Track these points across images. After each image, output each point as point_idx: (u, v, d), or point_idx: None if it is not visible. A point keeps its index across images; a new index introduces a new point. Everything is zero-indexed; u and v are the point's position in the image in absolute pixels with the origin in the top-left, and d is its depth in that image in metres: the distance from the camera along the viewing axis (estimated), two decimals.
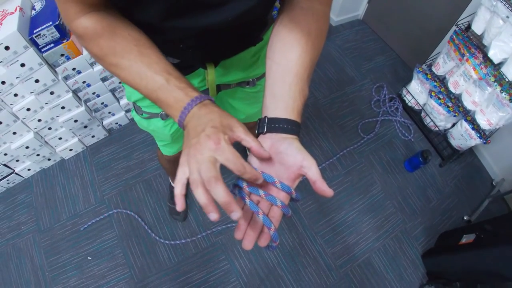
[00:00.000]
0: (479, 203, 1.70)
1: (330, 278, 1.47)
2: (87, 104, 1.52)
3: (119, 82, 1.50)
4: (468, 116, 1.58)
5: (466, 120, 1.59)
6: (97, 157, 1.71)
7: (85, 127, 1.60)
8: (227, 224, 1.54)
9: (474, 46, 1.43)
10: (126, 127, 1.80)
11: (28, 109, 1.33)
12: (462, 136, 1.64)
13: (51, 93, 1.32)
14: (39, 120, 1.41)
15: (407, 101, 1.94)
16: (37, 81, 1.23)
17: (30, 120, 1.38)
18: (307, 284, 1.45)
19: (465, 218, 1.65)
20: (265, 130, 0.45)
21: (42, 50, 1.17)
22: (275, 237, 0.42)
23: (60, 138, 1.57)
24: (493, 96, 1.43)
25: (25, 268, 1.43)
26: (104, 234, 1.51)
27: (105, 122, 1.71)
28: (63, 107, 1.41)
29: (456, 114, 1.65)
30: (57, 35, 1.15)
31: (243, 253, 1.49)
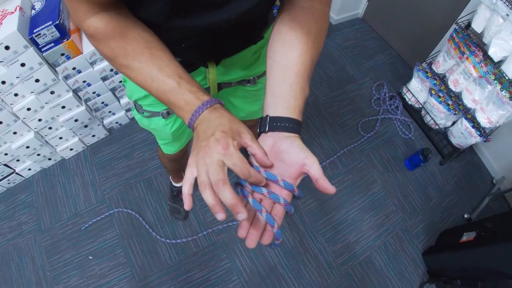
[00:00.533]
0: (480, 201, 1.71)
1: (331, 276, 1.48)
2: (88, 104, 1.52)
3: (120, 81, 1.50)
4: (468, 114, 1.58)
5: (466, 118, 1.59)
6: (98, 157, 1.71)
7: (86, 127, 1.60)
8: (228, 223, 1.54)
9: (474, 44, 1.43)
10: (127, 126, 1.80)
11: (29, 109, 1.33)
12: (462, 134, 1.64)
13: (52, 93, 1.32)
14: (40, 120, 1.41)
15: (407, 99, 1.94)
16: (37, 81, 1.23)
17: (31, 120, 1.38)
18: (308, 282, 1.46)
19: (466, 216, 1.65)
20: (267, 129, 0.46)
21: (42, 50, 1.17)
22: (278, 235, 0.42)
23: (61, 138, 1.57)
24: (493, 94, 1.43)
25: (26, 268, 1.43)
26: (105, 234, 1.51)
27: (106, 122, 1.71)
28: (64, 107, 1.41)
29: (456, 112, 1.65)
30: (57, 35, 1.15)
31: (244, 252, 1.49)
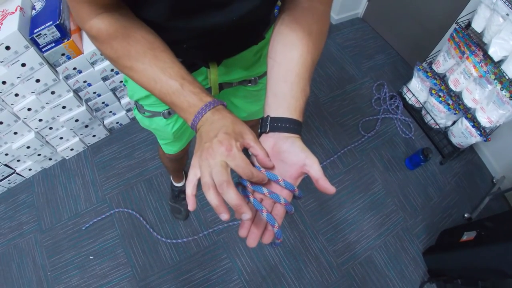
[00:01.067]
0: (480, 201, 1.71)
1: (332, 276, 1.48)
2: (88, 104, 1.52)
3: (120, 82, 1.50)
4: (469, 114, 1.58)
5: (467, 118, 1.59)
6: (98, 157, 1.71)
7: (86, 127, 1.60)
8: (229, 223, 1.54)
9: (474, 44, 1.43)
10: (127, 126, 1.80)
11: (29, 109, 1.33)
12: (463, 134, 1.64)
13: (52, 93, 1.32)
14: (40, 120, 1.41)
15: (408, 99, 1.94)
16: (38, 81, 1.23)
17: (31, 120, 1.38)
18: (309, 282, 1.46)
19: (466, 216, 1.66)
20: (268, 130, 0.46)
21: (43, 50, 1.17)
22: (279, 234, 0.42)
23: (61, 138, 1.57)
24: (494, 94, 1.43)
25: (27, 268, 1.44)
26: (106, 234, 1.51)
27: (106, 122, 1.71)
28: (64, 107, 1.41)
29: (457, 112, 1.65)
30: (58, 35, 1.15)
31: (245, 251, 1.49)
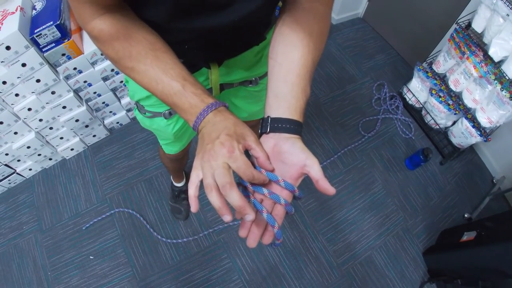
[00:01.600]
0: (480, 201, 1.71)
1: (332, 276, 1.48)
2: (88, 104, 1.52)
3: (120, 81, 1.50)
4: (469, 114, 1.58)
5: (467, 118, 1.59)
6: (99, 157, 1.71)
7: (86, 127, 1.60)
8: (229, 223, 1.54)
9: (475, 44, 1.43)
10: (127, 126, 1.80)
11: (29, 109, 1.33)
12: (463, 134, 1.64)
13: (52, 93, 1.32)
14: (40, 120, 1.41)
15: (408, 99, 1.94)
16: (38, 81, 1.23)
17: (31, 120, 1.38)
18: (309, 282, 1.46)
19: (466, 216, 1.66)
20: (268, 130, 0.46)
21: (43, 50, 1.17)
22: (279, 235, 0.43)
23: (61, 138, 1.57)
24: (494, 94, 1.43)
25: (27, 268, 1.44)
26: (106, 234, 1.51)
27: (106, 122, 1.71)
28: (64, 107, 1.41)
29: (457, 112, 1.65)
30: (58, 35, 1.15)
31: (245, 251, 1.49)
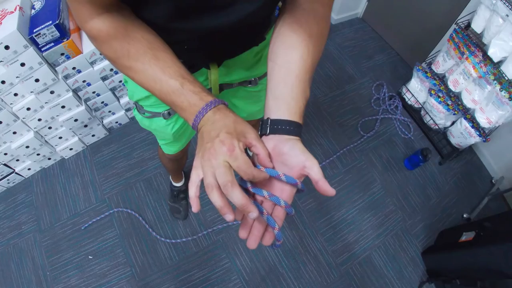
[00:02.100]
0: (479, 201, 1.71)
1: (331, 276, 1.48)
2: (87, 103, 1.52)
3: (120, 81, 1.50)
4: (468, 114, 1.58)
5: (466, 118, 1.60)
6: (98, 156, 1.71)
7: (85, 126, 1.60)
8: (228, 223, 1.54)
9: (474, 45, 1.43)
10: (126, 126, 1.79)
11: (28, 109, 1.32)
12: (462, 134, 1.65)
13: (51, 93, 1.32)
14: (39, 120, 1.40)
15: (407, 99, 1.94)
16: (37, 81, 1.23)
17: (30, 120, 1.38)
18: (308, 282, 1.46)
19: (465, 216, 1.66)
20: (268, 132, 0.46)
21: (42, 49, 1.17)
22: (279, 236, 0.43)
23: (60, 138, 1.57)
24: (493, 95, 1.43)
25: (26, 268, 1.43)
26: (105, 233, 1.51)
27: (105, 121, 1.71)
28: (63, 106, 1.40)
29: (456, 112, 1.66)
30: (57, 34, 1.14)
31: (244, 251, 1.49)
